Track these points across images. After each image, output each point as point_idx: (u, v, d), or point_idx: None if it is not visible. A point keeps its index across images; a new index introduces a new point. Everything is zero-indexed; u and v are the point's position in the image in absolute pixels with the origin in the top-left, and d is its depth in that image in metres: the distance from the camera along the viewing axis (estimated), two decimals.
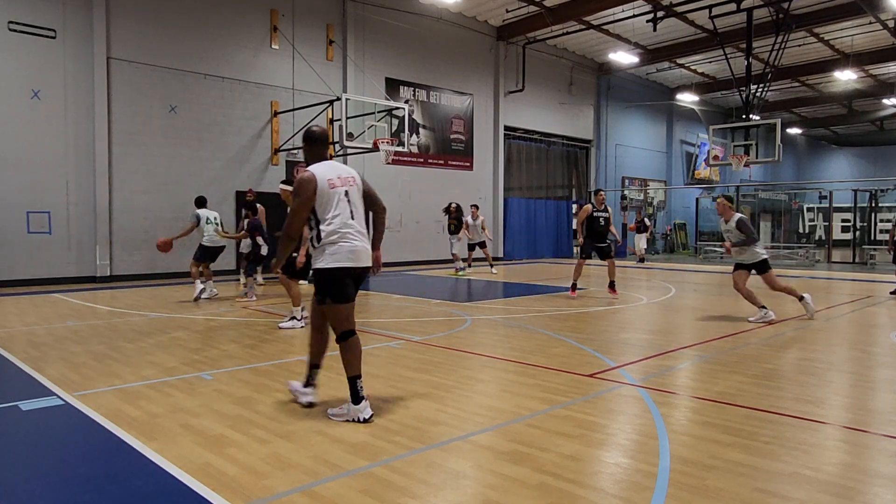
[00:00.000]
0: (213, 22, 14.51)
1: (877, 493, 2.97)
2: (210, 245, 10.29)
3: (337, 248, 3.90)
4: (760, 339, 6.89)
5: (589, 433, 3.74)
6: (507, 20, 20.03)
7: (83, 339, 6.71)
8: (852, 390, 4.86)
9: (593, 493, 2.93)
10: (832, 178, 36.85)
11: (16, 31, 11.98)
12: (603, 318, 8.35)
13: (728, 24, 18.77)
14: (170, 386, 4.80)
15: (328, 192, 3.92)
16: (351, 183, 4.06)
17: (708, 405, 4.33)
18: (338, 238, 3.91)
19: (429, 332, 7.17)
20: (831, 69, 23.72)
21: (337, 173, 4.03)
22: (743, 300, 8.35)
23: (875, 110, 31.30)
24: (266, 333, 7.12)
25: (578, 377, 5.07)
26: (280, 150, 15.60)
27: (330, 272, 3.91)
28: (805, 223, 30.23)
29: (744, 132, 17.67)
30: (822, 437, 3.72)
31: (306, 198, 3.89)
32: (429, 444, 3.55)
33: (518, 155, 22.63)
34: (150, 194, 13.50)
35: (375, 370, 5.36)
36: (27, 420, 4.03)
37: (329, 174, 3.98)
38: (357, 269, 3.99)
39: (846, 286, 13.23)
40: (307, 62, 16.03)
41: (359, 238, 3.99)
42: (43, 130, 12.33)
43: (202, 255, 10.28)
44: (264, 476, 3.10)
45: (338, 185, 3.98)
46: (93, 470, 3.25)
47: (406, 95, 18.37)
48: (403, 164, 17.87)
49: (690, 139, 30.08)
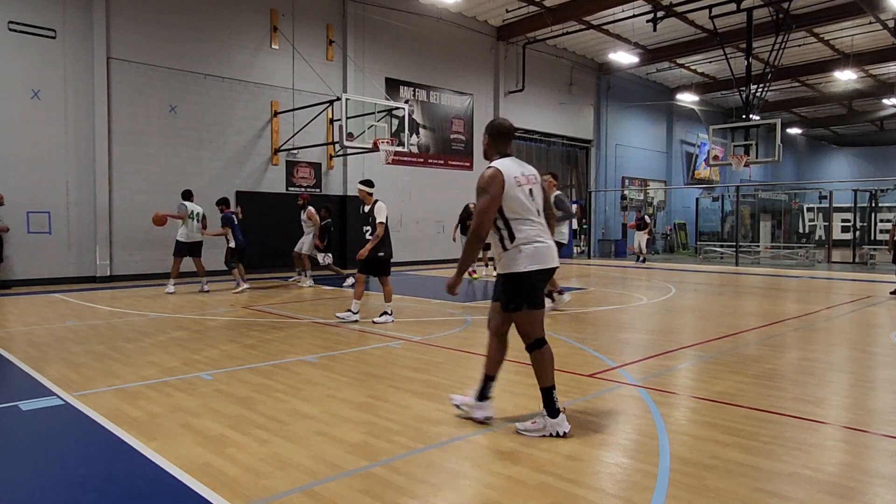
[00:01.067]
0: (213, 22, 14.51)
1: (877, 493, 2.97)
2: (185, 240, 10.94)
3: (532, 249, 3.69)
4: (760, 339, 6.89)
5: (589, 433, 3.74)
6: (507, 20, 20.02)
7: (83, 339, 6.71)
8: (852, 390, 4.86)
9: (593, 493, 2.93)
10: (832, 178, 36.84)
11: (16, 31, 11.97)
12: (603, 318, 8.35)
13: (728, 24, 18.76)
14: (170, 386, 4.80)
15: (515, 189, 3.70)
16: (534, 181, 3.86)
17: (708, 405, 4.33)
18: (530, 239, 3.70)
19: (429, 332, 7.16)
20: (831, 69, 23.71)
21: (522, 170, 3.82)
22: (743, 300, 8.34)
23: (875, 110, 31.29)
24: (266, 333, 7.12)
25: (578, 377, 5.07)
26: (280, 150, 15.60)
27: (527, 276, 3.66)
28: (805, 223, 30.23)
29: (744, 132, 17.67)
30: (822, 437, 3.72)
31: (496, 194, 3.65)
32: (429, 444, 3.55)
33: (518, 155, 22.08)
34: (150, 194, 13.49)
35: (375, 370, 5.37)
36: (27, 420, 4.03)
37: (515, 171, 3.76)
38: (549, 270, 3.79)
39: (846, 286, 13.23)
40: (307, 62, 16.02)
41: (547, 238, 3.81)
42: (43, 130, 12.33)
43: (177, 249, 10.96)
44: (264, 476, 3.10)
45: (524, 183, 3.77)
46: (93, 470, 3.25)
47: (406, 95, 18.36)
48: (403, 164, 17.86)
49: (690, 139, 30.08)
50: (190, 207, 10.98)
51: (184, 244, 10.93)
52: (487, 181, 3.66)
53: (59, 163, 12.54)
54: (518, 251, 3.68)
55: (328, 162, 16.80)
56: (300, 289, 12.17)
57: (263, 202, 15.32)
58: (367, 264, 7.82)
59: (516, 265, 3.68)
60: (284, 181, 15.88)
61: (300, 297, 10.82)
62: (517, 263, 3.67)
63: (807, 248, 23.62)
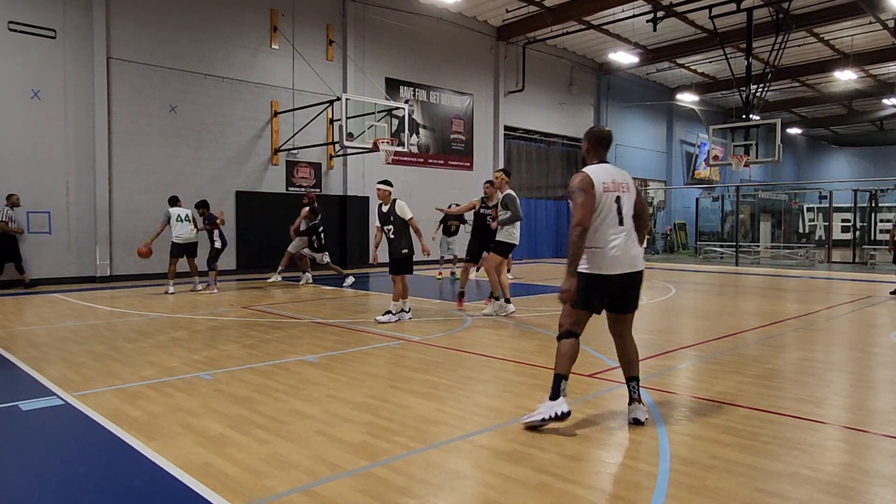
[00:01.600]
0: (213, 22, 14.51)
1: (877, 493, 2.97)
2: (179, 241, 11.16)
3: (599, 254, 3.84)
4: (760, 339, 6.89)
5: (589, 433, 3.74)
6: (507, 20, 20.02)
7: (83, 339, 6.71)
8: (852, 390, 4.86)
9: (593, 493, 2.93)
10: (832, 178, 36.83)
11: (16, 31, 11.97)
12: (603, 319, 8.33)
13: (728, 24, 18.76)
14: (170, 386, 4.80)
15: (601, 195, 3.84)
16: (625, 189, 3.95)
17: (708, 405, 4.33)
18: (600, 244, 3.84)
19: (429, 332, 7.17)
20: (831, 69, 23.71)
21: (612, 177, 3.92)
22: (743, 300, 8.34)
23: (875, 110, 31.30)
24: (266, 333, 7.12)
25: (578, 377, 5.06)
26: (280, 150, 15.60)
27: (584, 276, 3.84)
28: (805, 223, 30.21)
29: (744, 132, 17.67)
30: (822, 437, 3.72)
31: (591, 196, 3.81)
32: (429, 444, 3.55)
33: (518, 155, 22.62)
34: (150, 194, 13.49)
35: (376, 370, 5.37)
36: (27, 420, 4.03)
37: (604, 177, 3.88)
38: (614, 276, 3.86)
39: (846, 286, 13.23)
40: (307, 62, 16.02)
41: (623, 245, 3.87)
42: (43, 130, 12.32)
43: (172, 251, 11.20)
44: (264, 476, 3.10)
45: (611, 190, 3.88)
46: (93, 470, 3.25)
47: (406, 95, 18.36)
48: (403, 164, 17.85)
49: (690, 139, 30.07)
50: (175, 212, 11.21)
51: (179, 245, 11.14)
52: (578, 184, 3.84)
53: (59, 163, 12.54)
54: (587, 252, 3.87)
55: (328, 162, 16.80)
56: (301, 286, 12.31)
57: (263, 202, 15.32)
58: (394, 264, 7.99)
59: (581, 265, 3.88)
60: (284, 181, 15.88)
61: (300, 297, 10.82)
62: (582, 263, 3.88)
63: (807, 248, 23.61)
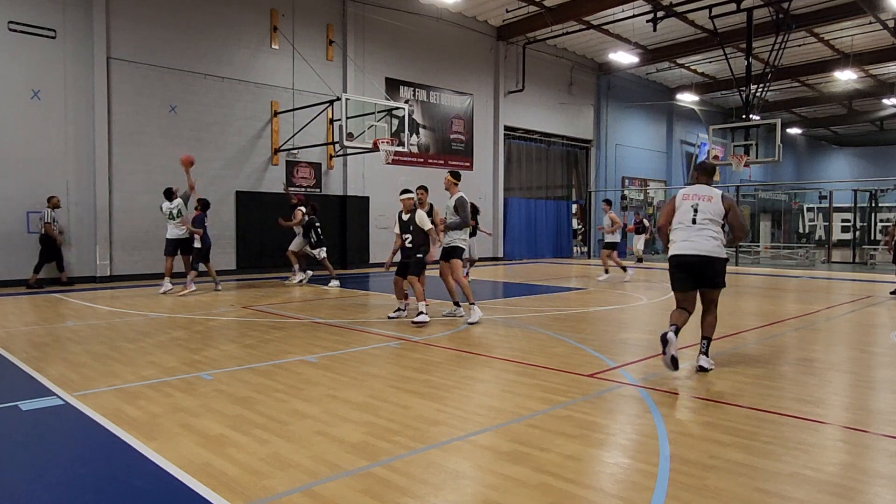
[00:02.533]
0: (213, 22, 14.50)
1: (877, 493, 2.97)
2: (170, 237, 11.13)
3: (673, 243, 5.33)
4: (760, 338, 6.89)
5: (589, 433, 3.74)
6: (507, 20, 20.02)
7: (83, 339, 6.71)
8: (852, 390, 4.86)
9: (593, 493, 2.93)
10: (832, 178, 36.84)
11: (16, 31, 11.97)
12: (603, 318, 8.35)
13: (728, 24, 18.76)
14: (170, 386, 4.80)
15: (680, 202, 5.40)
16: (705, 199, 5.29)
17: (708, 405, 4.33)
18: (674, 237, 5.33)
19: (429, 332, 7.17)
20: (831, 69, 23.71)
21: (694, 192, 5.39)
22: (742, 300, 8.34)
23: (875, 110, 31.29)
24: (266, 333, 7.12)
25: (578, 377, 5.07)
26: (280, 150, 15.60)
27: (669, 260, 5.40)
28: (805, 223, 30.23)
29: (744, 132, 17.66)
30: (822, 437, 3.72)
31: (670, 207, 5.51)
32: (429, 444, 3.55)
33: (518, 155, 22.62)
34: (150, 194, 13.47)
35: (375, 370, 5.37)
36: (27, 420, 4.03)
37: (687, 191, 5.44)
38: (681, 257, 5.25)
39: (846, 286, 13.23)
40: (307, 62, 16.02)
41: (687, 236, 5.24)
42: (43, 130, 12.32)
43: (166, 247, 11.20)
44: (264, 476, 3.10)
45: (689, 198, 5.35)
46: (93, 470, 3.25)
47: (406, 95, 18.36)
48: (403, 164, 17.84)
49: (690, 139, 30.07)
50: (165, 207, 11.13)
51: (170, 241, 11.14)
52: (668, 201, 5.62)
53: (59, 163, 12.54)
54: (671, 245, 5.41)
55: (328, 162, 16.80)
56: (290, 285, 12.38)
57: (263, 202, 15.32)
58: (407, 266, 8.01)
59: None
60: (284, 181, 15.88)
61: (300, 297, 10.82)
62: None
63: (807, 248, 23.62)
